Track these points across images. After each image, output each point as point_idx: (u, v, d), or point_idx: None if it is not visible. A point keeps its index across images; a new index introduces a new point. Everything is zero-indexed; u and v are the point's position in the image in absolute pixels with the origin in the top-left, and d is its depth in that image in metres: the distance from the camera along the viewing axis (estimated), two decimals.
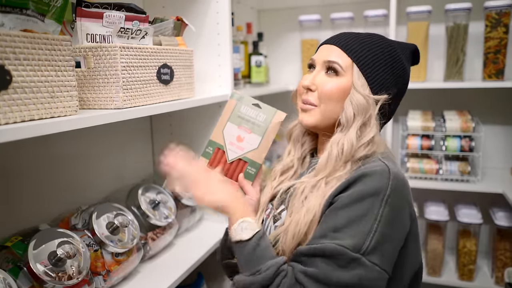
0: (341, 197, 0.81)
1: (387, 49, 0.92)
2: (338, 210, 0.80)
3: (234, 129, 0.99)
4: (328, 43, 0.95)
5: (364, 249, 0.75)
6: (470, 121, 1.89)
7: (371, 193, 0.79)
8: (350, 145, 0.86)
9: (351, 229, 0.77)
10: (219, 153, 0.99)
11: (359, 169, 0.84)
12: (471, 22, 1.86)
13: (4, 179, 1.05)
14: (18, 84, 0.69)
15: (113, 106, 0.95)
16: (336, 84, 0.90)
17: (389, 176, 0.81)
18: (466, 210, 1.97)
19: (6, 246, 0.92)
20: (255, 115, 0.99)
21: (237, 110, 0.99)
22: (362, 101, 0.87)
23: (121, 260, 1.10)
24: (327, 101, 0.91)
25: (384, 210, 0.78)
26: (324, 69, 0.93)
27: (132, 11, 1.04)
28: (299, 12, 2.29)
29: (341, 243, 0.75)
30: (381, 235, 0.76)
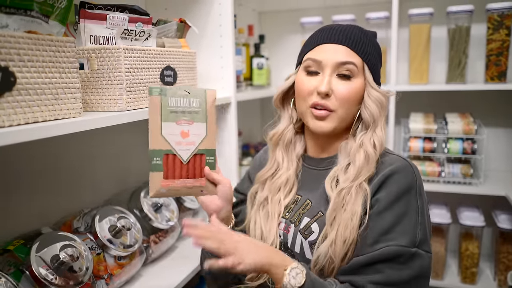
0: (379, 200, 0.85)
1: (376, 44, 0.97)
2: (381, 214, 0.84)
3: (173, 127, 0.86)
4: (333, 42, 0.92)
5: (417, 242, 0.81)
6: (473, 124, 1.89)
7: (406, 190, 0.85)
8: (381, 142, 0.90)
9: (400, 227, 0.82)
10: (170, 158, 0.86)
11: (383, 167, 0.88)
12: (473, 24, 1.85)
13: (6, 181, 1.04)
14: (22, 86, 0.69)
15: (116, 108, 0.94)
16: (353, 88, 0.91)
17: (412, 170, 0.88)
18: (468, 213, 1.96)
19: (8, 249, 0.91)
20: (187, 103, 0.87)
21: (165, 106, 0.85)
22: (381, 97, 0.91)
23: (124, 263, 1.09)
24: (345, 105, 0.91)
25: (418, 202, 0.85)
26: (335, 71, 0.91)
27: (135, 13, 1.04)
28: (301, 14, 2.29)
29: (398, 243, 0.80)
30: (423, 224, 0.84)
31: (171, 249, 1.37)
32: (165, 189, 0.86)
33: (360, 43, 0.92)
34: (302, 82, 0.95)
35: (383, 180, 0.86)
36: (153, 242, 1.25)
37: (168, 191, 0.87)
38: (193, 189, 0.90)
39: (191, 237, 0.81)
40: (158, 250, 1.28)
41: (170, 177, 0.87)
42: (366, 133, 0.92)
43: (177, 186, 0.87)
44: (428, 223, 0.87)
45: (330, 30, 0.94)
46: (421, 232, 0.83)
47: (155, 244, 1.25)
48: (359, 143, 0.91)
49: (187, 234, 0.81)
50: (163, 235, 1.29)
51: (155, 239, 1.26)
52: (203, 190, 0.92)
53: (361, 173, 0.88)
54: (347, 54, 0.91)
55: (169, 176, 0.86)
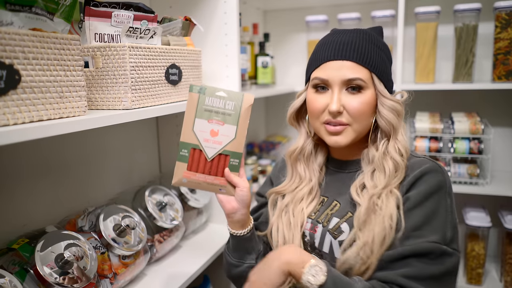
0: (409, 198, 0.86)
1: (383, 44, 0.96)
2: (411, 211, 0.84)
3: (204, 125, 0.91)
4: (338, 58, 0.91)
5: (448, 240, 0.82)
6: (479, 123, 1.87)
7: (436, 189, 0.85)
8: (406, 148, 0.92)
9: (430, 225, 0.82)
10: (196, 153, 0.92)
11: (413, 169, 0.89)
12: (480, 22, 1.83)
13: (11, 180, 1.04)
14: (27, 84, 0.68)
15: (121, 106, 0.93)
16: (364, 101, 0.91)
17: (442, 170, 0.88)
18: (474, 213, 1.94)
19: (13, 248, 0.91)
20: (222, 104, 0.92)
21: (201, 103, 0.91)
22: (395, 105, 0.92)
23: (128, 263, 1.08)
24: (359, 119, 0.91)
25: (448, 201, 0.85)
26: (343, 87, 0.91)
27: (140, 11, 1.03)
28: (306, 13, 2.27)
29: (429, 240, 0.81)
30: (452, 223, 0.84)
31: (176, 248, 1.37)
32: (186, 180, 0.92)
33: (366, 54, 0.91)
34: (312, 100, 0.95)
35: (413, 182, 0.87)
36: (158, 241, 1.24)
37: (189, 182, 0.93)
38: (212, 185, 0.95)
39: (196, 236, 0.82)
40: (163, 249, 1.27)
41: (193, 169, 0.92)
42: (389, 141, 0.93)
43: (198, 180, 0.93)
44: (456, 220, 0.88)
45: (334, 45, 0.92)
46: (451, 231, 0.83)
47: (159, 243, 1.25)
48: (383, 151, 0.92)
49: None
50: (167, 234, 1.28)
51: (160, 238, 1.25)
52: (221, 189, 0.96)
53: (391, 181, 0.89)
54: (353, 69, 0.90)
55: (192, 168, 0.92)
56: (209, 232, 1.52)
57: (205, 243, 1.42)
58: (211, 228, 1.55)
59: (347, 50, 0.91)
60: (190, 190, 1.43)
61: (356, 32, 0.94)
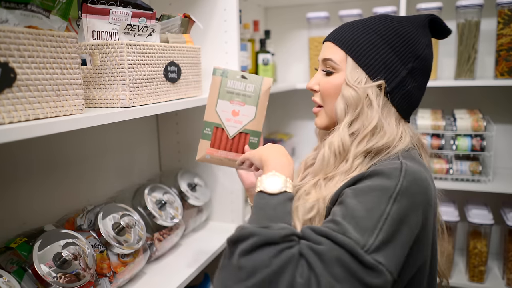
0: (348, 189, 0.76)
1: (385, 28, 0.86)
2: (342, 202, 0.74)
3: (227, 105, 0.98)
4: (325, 39, 0.94)
5: (368, 247, 0.66)
6: (481, 120, 1.85)
7: (378, 188, 0.72)
8: (340, 142, 0.84)
9: (355, 221, 0.69)
10: (218, 131, 0.99)
11: (374, 167, 0.78)
12: (483, 19, 1.82)
13: (9, 178, 1.03)
14: (22, 82, 0.67)
15: (119, 104, 0.93)
16: (332, 82, 0.89)
17: (400, 174, 0.73)
18: (476, 211, 1.93)
19: (11, 247, 0.90)
20: (243, 86, 0.99)
21: (224, 86, 0.98)
22: (352, 94, 0.84)
23: (127, 261, 1.08)
24: (328, 100, 0.90)
25: (391, 209, 0.70)
26: (323, 67, 0.92)
27: (138, 8, 1.02)
28: (307, 9, 2.26)
29: (348, 235, 0.67)
30: (387, 234, 0.68)
31: (175, 246, 1.36)
32: (209, 156, 1.00)
33: (346, 35, 0.88)
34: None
35: (360, 178, 0.77)
36: (157, 239, 1.24)
37: (212, 158, 1.00)
38: (233, 162, 1.02)
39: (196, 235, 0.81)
40: (162, 248, 1.27)
41: (215, 146, 1.00)
42: (331, 133, 0.87)
43: (220, 156, 1.00)
44: (401, 237, 0.70)
45: (337, 28, 0.95)
46: (377, 239, 0.67)
47: (159, 242, 1.24)
48: (324, 143, 0.88)
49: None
50: (167, 232, 1.28)
51: (159, 236, 1.25)
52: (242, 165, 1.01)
53: (316, 173, 0.87)
54: (330, 49, 0.90)
55: (215, 146, 1.00)
56: (209, 230, 1.52)
57: (205, 241, 1.42)
58: (211, 226, 1.55)
59: (334, 32, 0.92)
60: (190, 189, 1.43)
61: (366, 18, 0.91)
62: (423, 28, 0.88)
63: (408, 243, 0.73)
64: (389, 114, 0.86)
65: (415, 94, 0.88)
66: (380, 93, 0.84)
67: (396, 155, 0.81)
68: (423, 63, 0.87)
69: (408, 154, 0.83)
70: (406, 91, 0.86)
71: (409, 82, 0.86)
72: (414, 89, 0.87)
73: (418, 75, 0.87)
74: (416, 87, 0.88)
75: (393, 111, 0.86)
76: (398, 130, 0.85)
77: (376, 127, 0.83)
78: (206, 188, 1.51)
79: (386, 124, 0.84)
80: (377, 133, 0.83)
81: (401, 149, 0.83)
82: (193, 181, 1.47)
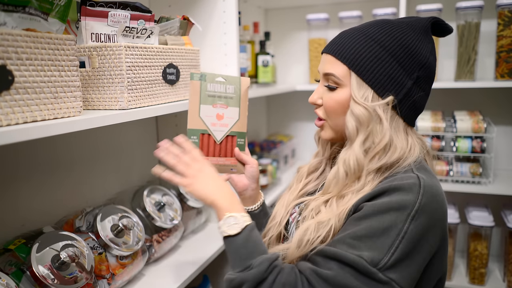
0: (365, 206, 0.76)
1: (386, 39, 0.82)
2: (360, 220, 0.75)
3: (210, 110, 0.96)
4: (324, 51, 0.89)
5: (382, 264, 0.70)
6: (482, 122, 1.85)
7: (396, 206, 0.73)
8: (356, 161, 0.81)
9: (371, 241, 0.72)
10: (205, 138, 0.96)
11: (390, 181, 0.78)
12: (483, 20, 1.82)
13: (7, 180, 1.04)
14: (20, 85, 0.68)
15: (117, 106, 0.93)
16: (336, 98, 0.85)
17: (419, 190, 0.74)
18: (477, 213, 1.93)
19: (9, 249, 0.90)
20: (224, 89, 0.97)
21: (204, 90, 0.95)
22: (363, 112, 0.81)
23: (126, 263, 1.08)
24: (331, 116, 0.88)
25: (409, 227, 0.72)
26: (325, 82, 0.89)
27: (137, 10, 1.02)
28: (307, 11, 2.26)
29: (360, 254, 0.71)
30: (403, 252, 0.71)
31: (175, 248, 1.36)
32: None
33: (348, 48, 0.83)
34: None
35: (378, 193, 0.77)
36: (156, 241, 1.24)
37: None
38: (224, 167, 1.01)
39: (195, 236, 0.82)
40: (161, 250, 1.27)
41: (204, 154, 0.96)
42: (344, 150, 0.85)
43: (211, 163, 0.94)
44: (417, 256, 0.73)
45: (334, 38, 0.90)
46: (393, 258, 0.70)
47: (158, 244, 1.24)
48: (338, 160, 0.85)
49: (158, 150, 0.89)
50: (166, 234, 1.28)
51: (158, 238, 1.25)
52: (233, 169, 1.02)
53: (328, 190, 0.85)
54: (332, 64, 0.85)
55: (203, 153, 0.96)
56: (208, 232, 1.52)
57: (204, 243, 1.41)
58: (210, 228, 1.55)
59: (335, 42, 0.87)
60: None
61: (360, 26, 0.88)
62: (425, 33, 0.86)
63: (425, 260, 0.76)
64: (397, 126, 0.84)
65: (421, 102, 0.86)
66: (387, 107, 0.82)
67: (409, 167, 0.80)
68: (428, 70, 0.85)
69: (420, 166, 0.82)
70: (412, 101, 0.84)
71: (415, 92, 0.84)
72: (420, 98, 0.85)
73: (424, 83, 0.85)
74: (422, 95, 0.86)
75: (401, 122, 0.84)
76: (407, 142, 0.84)
77: (387, 144, 0.81)
78: None
79: (396, 138, 0.82)
80: (389, 149, 0.82)
81: (412, 161, 0.81)
82: None
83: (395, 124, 0.83)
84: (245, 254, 0.78)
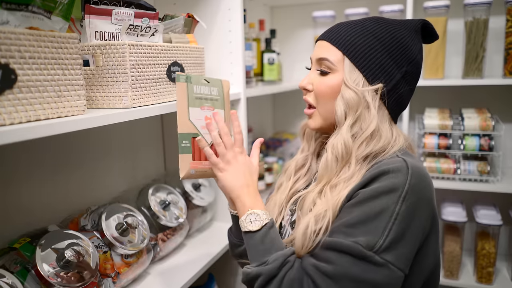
0: (358, 193, 0.79)
1: (381, 32, 0.86)
2: (353, 207, 0.78)
3: (198, 112, 0.93)
4: (320, 38, 0.92)
5: (377, 247, 0.72)
6: (490, 119, 1.83)
7: (387, 190, 0.76)
8: (344, 145, 0.84)
9: (365, 226, 0.74)
10: (196, 141, 0.92)
11: (377, 166, 0.80)
12: (491, 16, 1.79)
13: (12, 179, 1.04)
14: (23, 83, 0.67)
15: (122, 105, 0.93)
16: (329, 83, 0.88)
17: (408, 171, 0.77)
18: (485, 211, 1.91)
19: (14, 247, 0.91)
20: (209, 91, 0.95)
21: (191, 92, 0.92)
22: (353, 96, 0.84)
23: (131, 262, 1.08)
24: (323, 101, 0.90)
25: (401, 208, 0.74)
26: (317, 66, 0.91)
27: (141, 8, 1.02)
28: (313, 8, 2.25)
29: (355, 240, 0.73)
30: (397, 233, 0.73)
31: (180, 247, 1.36)
32: (194, 170, 0.92)
33: (344, 35, 0.87)
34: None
35: (370, 179, 0.79)
36: (161, 240, 1.24)
37: (197, 172, 0.93)
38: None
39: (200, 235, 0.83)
40: (166, 248, 1.27)
41: (197, 159, 0.93)
42: (332, 136, 0.87)
43: (204, 167, 0.93)
44: (411, 235, 0.75)
45: (331, 27, 0.93)
46: (387, 240, 0.73)
47: (163, 242, 1.24)
48: (326, 146, 0.87)
49: (211, 124, 0.91)
50: (171, 233, 1.27)
51: (163, 237, 1.25)
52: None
53: (321, 178, 0.87)
54: (326, 49, 0.89)
55: (196, 158, 0.93)
56: (213, 230, 1.51)
57: (209, 241, 1.41)
58: (215, 227, 1.54)
59: (331, 31, 0.90)
60: (194, 189, 1.43)
61: (362, 18, 0.91)
62: (415, 33, 0.90)
63: (418, 239, 0.78)
64: (383, 116, 0.87)
65: (406, 97, 0.90)
66: (376, 96, 0.85)
67: (394, 154, 0.83)
68: (416, 67, 0.89)
69: (405, 152, 0.85)
70: (399, 94, 0.88)
71: (402, 86, 0.87)
72: (406, 92, 0.89)
73: (411, 79, 0.89)
74: (408, 91, 0.89)
75: (386, 113, 0.88)
76: (392, 133, 0.87)
77: (375, 130, 0.84)
78: (211, 188, 1.51)
79: (382, 127, 0.85)
80: (375, 137, 0.85)
81: (397, 150, 0.84)
82: (198, 181, 1.46)
83: (381, 114, 0.86)
84: (262, 250, 0.82)
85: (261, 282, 0.79)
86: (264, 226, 0.84)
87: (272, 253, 0.81)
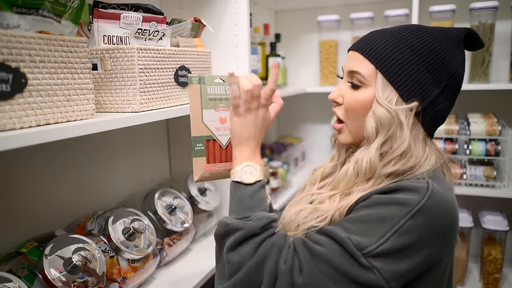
0: (372, 197, 0.75)
1: (419, 43, 0.79)
2: (362, 207, 0.75)
3: (213, 114, 0.90)
4: (352, 48, 0.86)
5: (367, 251, 0.68)
6: (496, 124, 1.82)
7: (399, 202, 0.71)
8: (369, 163, 0.79)
9: (364, 226, 0.71)
10: (210, 144, 0.91)
11: (396, 181, 0.77)
12: (497, 21, 1.79)
13: (19, 183, 1.04)
14: (33, 87, 0.67)
15: (130, 109, 0.92)
16: (359, 98, 0.82)
17: (427, 193, 0.71)
18: (491, 217, 1.90)
19: (21, 252, 0.90)
20: (224, 90, 0.91)
21: (204, 94, 0.89)
22: (385, 114, 0.78)
23: (137, 266, 1.07)
24: (353, 117, 0.84)
25: (405, 223, 0.69)
26: (349, 79, 0.85)
27: (149, 12, 1.02)
28: (318, 13, 2.25)
29: (349, 236, 0.70)
30: (393, 245, 0.68)
31: (186, 251, 1.35)
32: (209, 173, 0.91)
33: (377, 47, 0.80)
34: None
35: (384, 191, 0.75)
36: (167, 244, 1.23)
37: (211, 174, 0.92)
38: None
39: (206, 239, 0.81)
40: (172, 253, 1.26)
41: (211, 161, 0.91)
42: (359, 150, 0.82)
43: (219, 170, 0.92)
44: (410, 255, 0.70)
45: (364, 36, 0.87)
46: (380, 247, 0.68)
47: (169, 247, 1.23)
48: (351, 159, 0.83)
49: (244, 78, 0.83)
50: (177, 237, 1.27)
51: (169, 241, 1.24)
52: None
53: (335, 187, 0.84)
54: (357, 61, 0.82)
55: (210, 160, 0.91)
56: None
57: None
58: None
59: (363, 41, 0.84)
60: (200, 193, 1.42)
61: (395, 27, 0.84)
62: (458, 44, 0.82)
63: (419, 264, 0.71)
64: (417, 134, 0.81)
65: (444, 112, 0.83)
66: (410, 113, 0.79)
67: (421, 175, 0.77)
68: (456, 81, 0.82)
69: (434, 175, 0.79)
70: (436, 110, 0.81)
71: (440, 102, 0.80)
72: (444, 108, 0.82)
73: (450, 94, 0.82)
74: (447, 106, 0.83)
75: (421, 131, 0.82)
76: (424, 152, 0.81)
77: (405, 151, 0.79)
78: (216, 192, 1.51)
79: (413, 147, 0.79)
80: (404, 157, 0.79)
81: (426, 171, 0.78)
82: (203, 186, 1.46)
83: (415, 132, 0.80)
84: (248, 205, 0.78)
85: (239, 237, 0.73)
86: (258, 182, 0.80)
87: (257, 211, 0.77)
